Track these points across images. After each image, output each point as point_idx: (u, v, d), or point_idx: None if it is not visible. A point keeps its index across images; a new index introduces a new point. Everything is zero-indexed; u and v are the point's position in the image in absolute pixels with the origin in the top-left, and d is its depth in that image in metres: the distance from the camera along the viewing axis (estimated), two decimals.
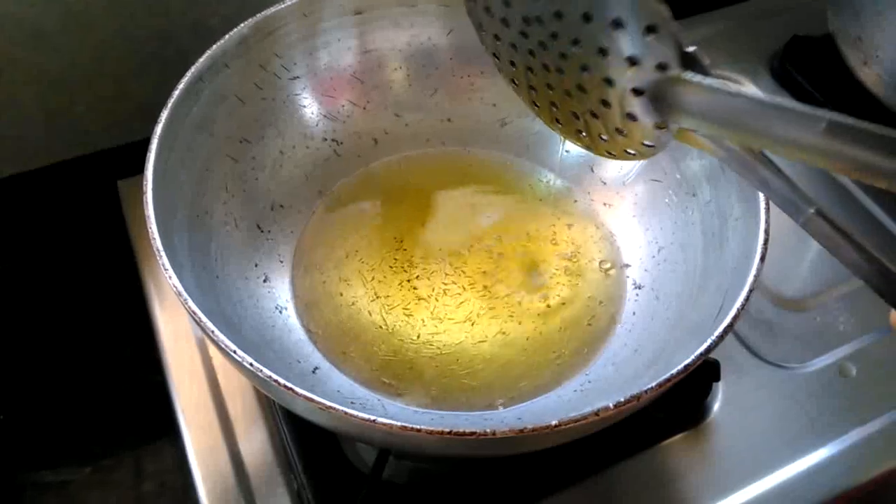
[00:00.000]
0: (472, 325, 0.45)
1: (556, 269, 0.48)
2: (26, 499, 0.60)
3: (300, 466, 0.43)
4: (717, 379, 0.46)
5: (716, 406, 0.46)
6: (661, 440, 0.45)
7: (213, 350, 0.47)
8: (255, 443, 0.44)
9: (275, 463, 0.44)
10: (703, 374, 0.45)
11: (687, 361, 0.32)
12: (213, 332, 0.32)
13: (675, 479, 0.44)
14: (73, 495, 0.59)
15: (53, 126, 0.56)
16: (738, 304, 0.34)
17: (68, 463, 0.60)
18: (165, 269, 0.34)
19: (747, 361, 0.48)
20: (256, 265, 0.45)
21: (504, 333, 0.45)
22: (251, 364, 0.32)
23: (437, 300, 0.46)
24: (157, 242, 0.35)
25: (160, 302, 0.50)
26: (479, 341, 0.45)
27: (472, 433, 0.30)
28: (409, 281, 0.47)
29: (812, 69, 0.63)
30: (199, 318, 0.33)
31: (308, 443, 0.43)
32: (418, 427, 0.30)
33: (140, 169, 0.37)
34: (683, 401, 0.45)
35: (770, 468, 0.44)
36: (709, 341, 0.33)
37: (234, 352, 0.32)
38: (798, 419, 0.46)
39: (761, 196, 0.38)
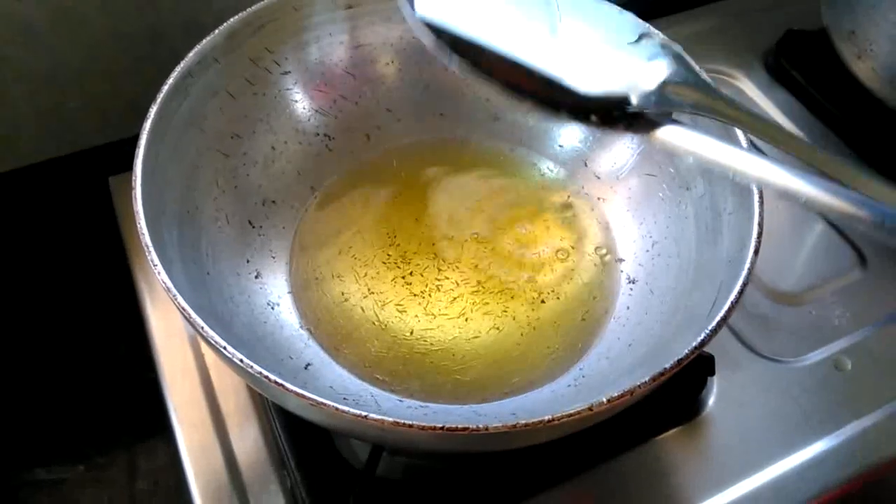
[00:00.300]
0: (466, 320, 0.45)
1: (550, 265, 0.47)
2: (20, 497, 0.59)
3: (293, 463, 0.42)
4: (712, 373, 0.46)
5: (710, 400, 0.46)
6: (656, 435, 0.45)
7: (205, 347, 0.47)
8: (248, 440, 0.44)
9: (268, 460, 0.44)
10: (698, 368, 0.45)
11: (681, 355, 0.32)
12: (202, 328, 0.32)
13: (669, 474, 0.44)
14: (66, 493, 0.59)
15: (45, 123, 0.55)
16: (732, 297, 0.34)
17: (62, 461, 0.60)
18: (154, 265, 0.34)
19: (742, 356, 0.48)
20: (248, 261, 0.45)
21: (498, 329, 0.45)
22: (242, 360, 0.31)
23: (430, 296, 0.46)
24: (147, 238, 0.35)
25: (152, 299, 0.49)
26: (473, 337, 0.44)
27: (465, 428, 0.30)
28: (402, 277, 0.47)
29: (806, 63, 0.63)
30: (189, 314, 0.33)
31: (301, 439, 0.43)
32: (410, 423, 0.30)
33: (131, 165, 0.37)
34: (678, 395, 0.45)
35: (765, 462, 0.44)
36: (703, 335, 0.33)
37: (225, 348, 0.32)
38: (793, 413, 0.46)
39: (755, 190, 0.38)
